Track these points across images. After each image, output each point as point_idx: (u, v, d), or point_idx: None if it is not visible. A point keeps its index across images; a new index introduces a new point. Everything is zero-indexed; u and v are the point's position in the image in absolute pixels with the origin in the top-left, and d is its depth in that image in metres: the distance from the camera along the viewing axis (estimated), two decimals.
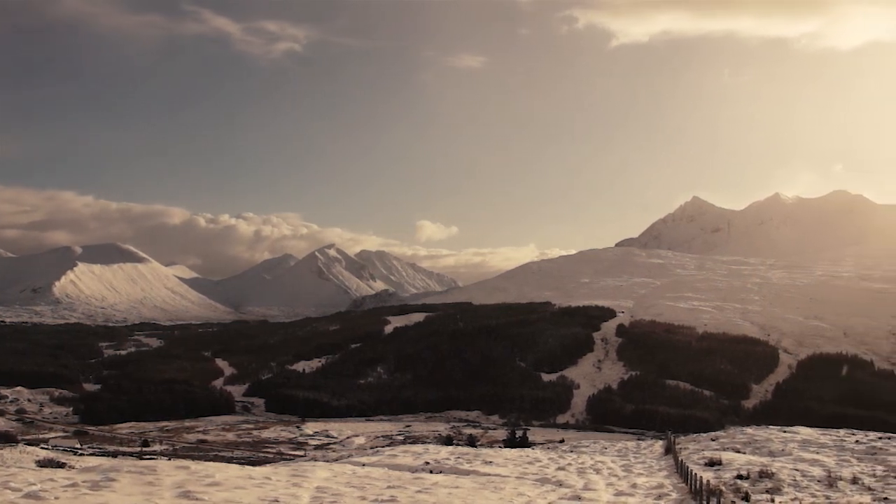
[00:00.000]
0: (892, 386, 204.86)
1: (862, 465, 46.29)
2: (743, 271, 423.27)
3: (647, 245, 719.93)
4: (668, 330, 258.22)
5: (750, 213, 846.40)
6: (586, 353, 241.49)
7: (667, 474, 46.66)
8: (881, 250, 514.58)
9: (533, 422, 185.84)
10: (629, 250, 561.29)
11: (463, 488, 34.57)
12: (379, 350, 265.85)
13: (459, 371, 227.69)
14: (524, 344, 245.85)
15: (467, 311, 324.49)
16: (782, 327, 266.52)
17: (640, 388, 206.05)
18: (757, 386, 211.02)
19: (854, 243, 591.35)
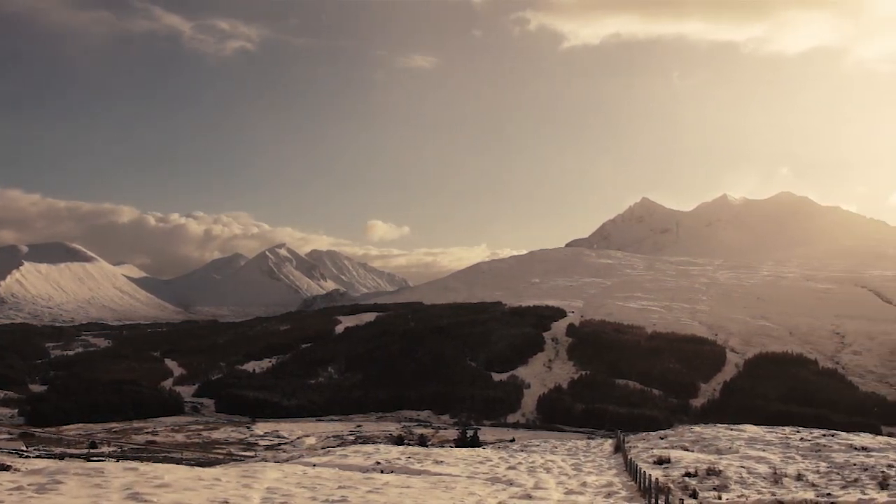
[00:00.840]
0: (835, 384, 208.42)
1: (806, 462, 47.04)
2: (691, 272, 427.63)
3: (596, 245, 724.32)
4: (618, 330, 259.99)
5: (698, 214, 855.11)
6: (537, 353, 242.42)
7: (616, 473, 47.05)
8: (825, 251, 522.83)
9: (484, 421, 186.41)
10: (579, 251, 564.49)
11: (414, 488, 34.59)
12: (330, 350, 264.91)
13: (410, 371, 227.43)
14: (475, 344, 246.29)
15: (418, 311, 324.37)
16: (730, 327, 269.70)
17: (590, 388, 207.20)
18: (705, 385, 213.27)
19: (799, 244, 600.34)
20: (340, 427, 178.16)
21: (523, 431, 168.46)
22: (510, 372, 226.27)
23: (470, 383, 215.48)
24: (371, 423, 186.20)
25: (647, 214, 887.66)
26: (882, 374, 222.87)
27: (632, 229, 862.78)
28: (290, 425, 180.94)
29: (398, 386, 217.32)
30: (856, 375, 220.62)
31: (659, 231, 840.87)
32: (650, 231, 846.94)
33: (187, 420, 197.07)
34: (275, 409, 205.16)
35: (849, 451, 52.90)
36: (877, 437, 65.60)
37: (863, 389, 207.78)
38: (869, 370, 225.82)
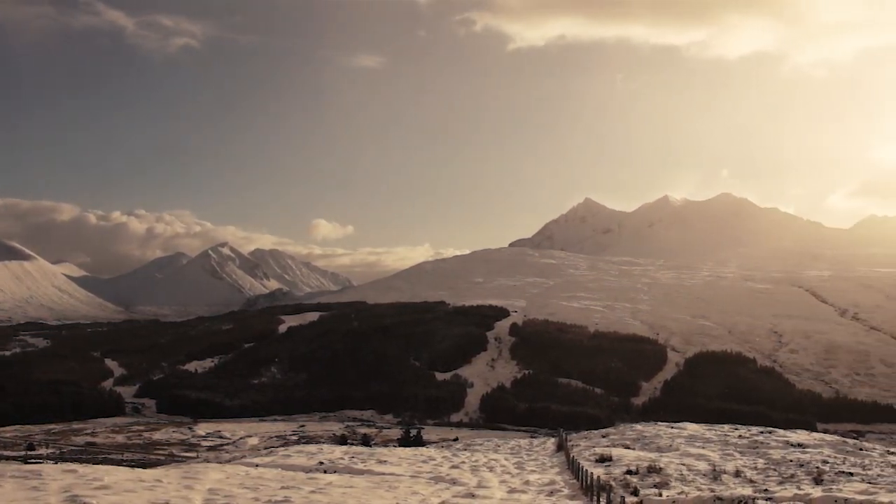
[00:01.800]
0: (772, 382, 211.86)
1: (744, 459, 47.81)
2: (633, 271, 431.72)
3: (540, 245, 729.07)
4: (561, 329, 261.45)
5: (640, 214, 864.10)
6: (480, 353, 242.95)
7: (559, 471, 47.42)
8: (764, 252, 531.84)
9: (427, 420, 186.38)
10: (522, 250, 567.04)
11: (357, 488, 34.59)
12: (273, 349, 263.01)
13: (354, 370, 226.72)
14: (418, 343, 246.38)
15: (362, 311, 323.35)
16: (670, 326, 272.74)
17: (533, 387, 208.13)
18: (646, 383, 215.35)
19: (739, 245, 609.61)
20: (283, 427, 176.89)
21: (467, 430, 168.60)
22: (453, 371, 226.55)
23: (413, 383, 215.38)
24: (314, 423, 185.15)
25: (589, 215, 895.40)
26: (817, 372, 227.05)
27: (575, 229, 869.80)
28: (233, 426, 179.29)
29: (341, 385, 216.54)
30: (792, 373, 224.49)
31: (601, 231, 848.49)
32: (593, 231, 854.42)
33: (128, 421, 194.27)
34: (217, 410, 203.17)
35: (785, 447, 53.85)
36: (812, 433, 66.83)
37: (799, 387, 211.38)
38: (805, 368, 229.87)
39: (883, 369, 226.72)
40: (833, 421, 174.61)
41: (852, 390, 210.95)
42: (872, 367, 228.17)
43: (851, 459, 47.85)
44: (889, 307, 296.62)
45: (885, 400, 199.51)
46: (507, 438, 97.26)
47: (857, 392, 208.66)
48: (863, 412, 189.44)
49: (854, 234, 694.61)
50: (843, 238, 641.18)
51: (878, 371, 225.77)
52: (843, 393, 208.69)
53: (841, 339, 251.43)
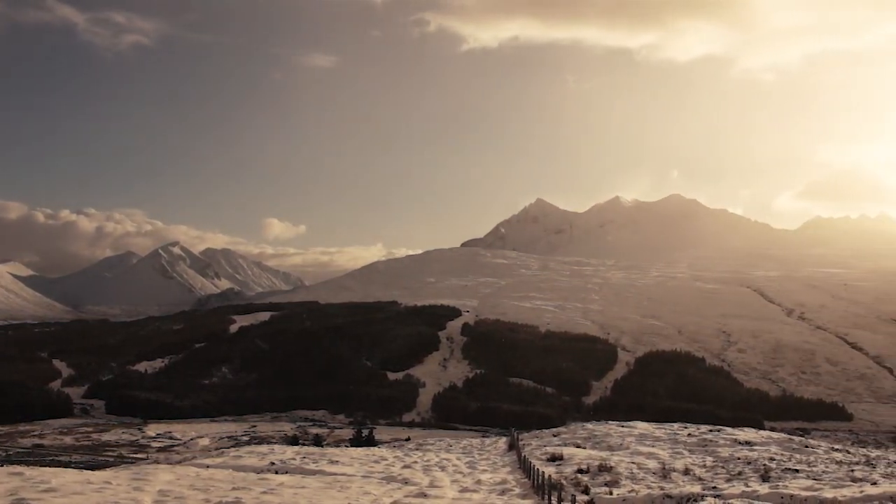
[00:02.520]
0: (721, 381, 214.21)
1: (694, 457, 48.39)
2: (584, 272, 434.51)
3: (492, 245, 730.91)
4: (512, 329, 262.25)
5: (591, 215, 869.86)
6: (432, 352, 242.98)
7: (510, 470, 47.63)
8: (713, 252, 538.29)
9: (379, 420, 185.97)
10: (475, 250, 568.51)
11: (309, 488, 34.48)
12: (224, 349, 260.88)
13: (306, 370, 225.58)
14: (370, 343, 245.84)
15: (314, 310, 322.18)
16: (621, 326, 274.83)
17: (485, 386, 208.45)
18: (597, 382, 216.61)
19: (688, 246, 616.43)
20: (234, 427, 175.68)
21: (419, 430, 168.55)
22: (405, 371, 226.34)
23: (365, 383, 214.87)
24: (266, 424, 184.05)
25: (541, 215, 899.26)
26: (765, 370, 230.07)
27: (526, 230, 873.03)
28: (183, 426, 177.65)
29: (293, 385, 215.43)
30: (740, 372, 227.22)
31: (553, 231, 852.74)
32: (544, 231, 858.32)
33: (76, 422, 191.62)
34: (167, 410, 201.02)
35: (733, 445, 54.58)
36: (760, 431, 67.80)
37: (747, 386, 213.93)
38: (753, 367, 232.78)
39: (828, 368, 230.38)
40: (780, 419, 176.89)
41: (798, 389, 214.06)
42: (818, 366, 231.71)
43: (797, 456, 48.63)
44: (834, 307, 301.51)
45: (830, 398, 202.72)
46: (459, 438, 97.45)
47: (803, 390, 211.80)
48: (808, 410, 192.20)
49: (801, 235, 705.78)
50: (790, 239, 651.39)
51: (823, 370, 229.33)
52: (789, 391, 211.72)
53: (787, 339, 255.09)
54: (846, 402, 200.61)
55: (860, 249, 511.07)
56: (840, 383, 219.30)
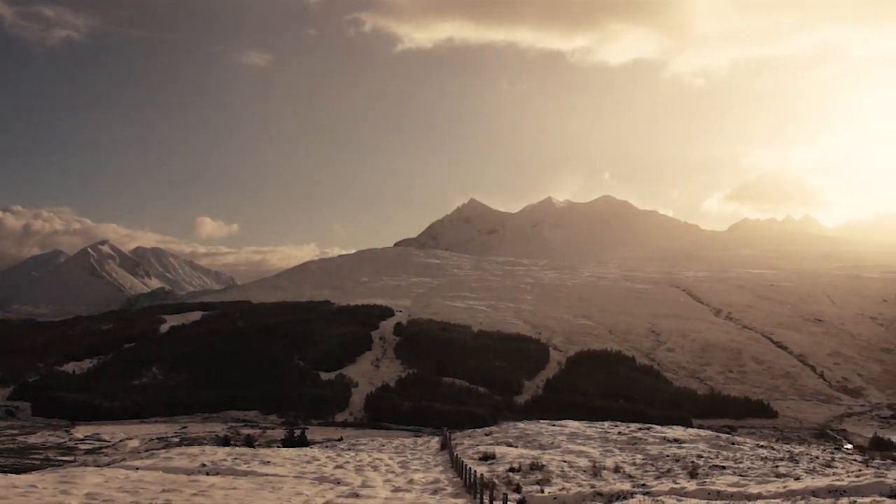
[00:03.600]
0: (651, 380, 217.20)
1: (624, 455, 48.99)
2: (517, 272, 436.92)
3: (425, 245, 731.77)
4: (445, 328, 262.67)
5: (524, 215, 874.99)
6: (365, 352, 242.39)
7: (443, 469, 47.78)
8: (643, 253, 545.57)
9: (312, 421, 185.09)
10: (407, 250, 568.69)
11: (240, 489, 34.29)
12: (154, 349, 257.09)
13: (237, 370, 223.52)
14: (303, 343, 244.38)
15: (246, 310, 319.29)
16: (553, 325, 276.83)
17: (418, 386, 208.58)
18: (529, 382, 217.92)
19: (619, 246, 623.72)
20: (165, 429, 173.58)
21: (351, 430, 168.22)
22: (338, 371, 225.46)
23: (298, 383, 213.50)
24: (197, 425, 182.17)
25: (474, 215, 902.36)
26: (693, 369, 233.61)
27: (459, 229, 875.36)
28: (112, 428, 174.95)
29: (225, 386, 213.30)
30: (670, 371, 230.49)
31: (486, 231, 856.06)
32: (477, 231, 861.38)
33: (1, 425, 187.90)
34: (96, 412, 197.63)
35: (663, 443, 55.34)
36: (688, 429, 68.81)
37: (676, 384, 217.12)
38: (682, 366, 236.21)
39: (754, 367, 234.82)
40: (708, 417, 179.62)
41: (726, 387, 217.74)
42: (744, 365, 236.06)
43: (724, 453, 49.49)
44: (760, 307, 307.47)
45: (756, 396, 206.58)
46: (391, 438, 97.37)
47: (730, 389, 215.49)
48: (735, 408, 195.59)
49: (729, 236, 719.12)
50: (718, 240, 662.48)
51: (749, 368, 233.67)
52: (717, 390, 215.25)
53: (715, 338, 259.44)
54: (771, 399, 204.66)
55: (785, 251, 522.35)
56: (765, 381, 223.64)
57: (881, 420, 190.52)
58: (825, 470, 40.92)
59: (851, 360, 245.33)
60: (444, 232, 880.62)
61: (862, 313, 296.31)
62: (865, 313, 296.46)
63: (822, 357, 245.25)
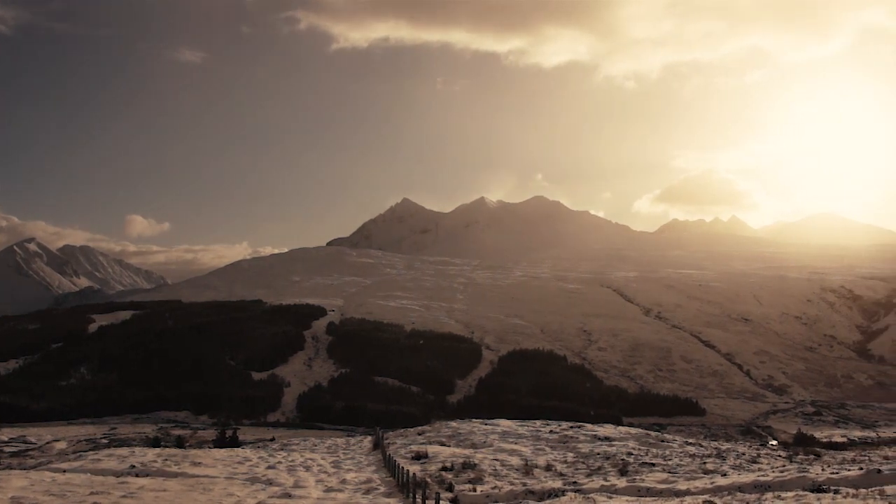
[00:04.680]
0: (582, 379, 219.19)
1: (555, 453, 49.48)
2: (449, 271, 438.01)
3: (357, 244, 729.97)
4: (378, 328, 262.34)
5: (457, 215, 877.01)
6: (297, 352, 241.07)
7: (375, 469, 47.81)
8: (575, 253, 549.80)
9: (243, 421, 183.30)
10: (340, 249, 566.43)
11: (170, 491, 33.96)
12: (82, 349, 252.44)
13: (168, 370, 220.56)
14: (234, 342, 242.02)
15: (177, 309, 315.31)
16: (485, 325, 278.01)
17: (350, 385, 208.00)
18: (462, 381, 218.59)
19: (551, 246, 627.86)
20: (93, 430, 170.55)
21: (284, 430, 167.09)
22: (270, 371, 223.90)
23: (229, 383, 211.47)
24: (126, 426, 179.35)
25: (407, 215, 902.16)
26: (624, 368, 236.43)
27: (392, 229, 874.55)
28: (39, 429, 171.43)
29: (155, 386, 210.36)
30: (601, 370, 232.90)
31: (419, 231, 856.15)
32: (410, 231, 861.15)
33: None
34: (22, 413, 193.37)
35: (593, 441, 56.01)
36: (618, 427, 69.75)
37: (607, 383, 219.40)
38: (612, 365, 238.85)
39: (683, 365, 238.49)
40: (638, 415, 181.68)
41: (655, 385, 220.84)
42: (673, 364, 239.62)
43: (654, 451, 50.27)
44: (689, 306, 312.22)
45: (685, 394, 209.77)
46: (324, 438, 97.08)
47: (659, 387, 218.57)
48: (665, 406, 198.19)
49: (658, 237, 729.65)
50: (648, 241, 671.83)
51: (678, 367, 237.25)
52: (646, 388, 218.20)
53: (645, 337, 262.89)
54: (699, 397, 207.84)
55: (714, 251, 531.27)
56: (694, 380, 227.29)
57: (804, 416, 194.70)
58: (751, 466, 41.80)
59: (776, 358, 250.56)
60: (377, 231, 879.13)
61: (787, 313, 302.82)
62: (790, 313, 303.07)
63: (748, 356, 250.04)
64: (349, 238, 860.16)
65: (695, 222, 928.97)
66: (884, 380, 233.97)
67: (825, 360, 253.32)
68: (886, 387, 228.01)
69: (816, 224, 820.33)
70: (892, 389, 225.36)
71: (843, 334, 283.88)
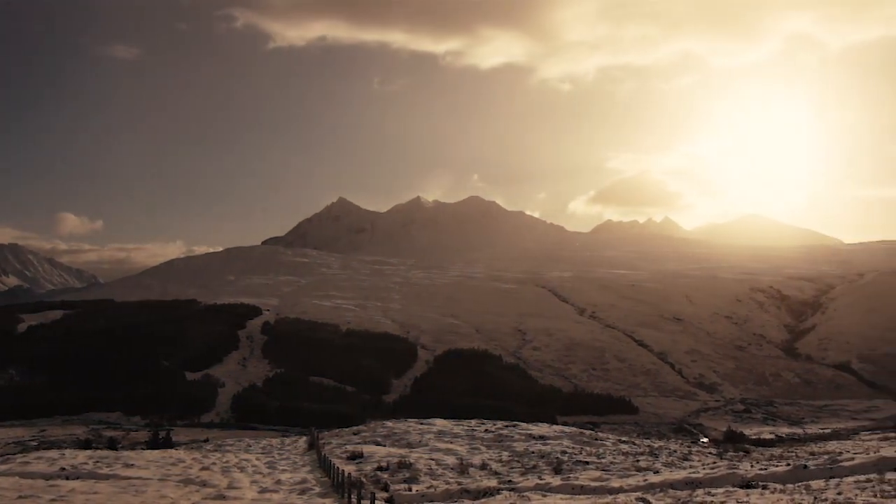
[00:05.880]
0: (517, 378, 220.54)
1: (490, 452, 49.82)
2: (385, 271, 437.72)
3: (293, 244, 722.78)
4: (313, 328, 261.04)
5: (393, 214, 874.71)
6: (232, 352, 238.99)
7: (311, 469, 47.68)
8: (510, 253, 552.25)
9: (177, 422, 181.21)
10: (275, 249, 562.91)
11: (102, 493, 33.56)
12: (11, 350, 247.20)
13: (100, 371, 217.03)
14: (168, 342, 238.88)
15: (109, 309, 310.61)
16: (421, 325, 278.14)
17: (286, 386, 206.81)
18: (397, 381, 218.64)
19: (487, 246, 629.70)
20: (22, 432, 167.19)
21: (218, 431, 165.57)
22: (204, 371, 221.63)
23: (163, 383, 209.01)
24: (57, 428, 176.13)
25: (343, 214, 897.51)
26: (558, 368, 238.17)
27: (328, 228, 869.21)
28: None
29: (86, 387, 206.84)
30: (535, 370, 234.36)
31: (355, 230, 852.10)
32: (346, 230, 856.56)
33: None
34: None
35: (528, 440, 56.46)
36: (553, 426, 70.36)
37: (542, 382, 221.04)
38: (547, 364, 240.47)
39: (616, 364, 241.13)
40: (572, 414, 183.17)
41: (589, 384, 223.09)
42: (607, 363, 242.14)
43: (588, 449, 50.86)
44: (622, 306, 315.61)
45: (618, 393, 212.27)
46: (259, 438, 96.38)
47: (593, 386, 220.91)
48: (599, 404, 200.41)
49: (592, 237, 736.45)
50: (582, 241, 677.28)
51: (612, 366, 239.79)
52: (581, 387, 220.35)
53: (580, 337, 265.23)
54: (633, 396, 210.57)
55: (646, 252, 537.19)
56: (627, 379, 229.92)
57: (734, 414, 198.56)
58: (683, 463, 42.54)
59: (707, 357, 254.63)
60: (313, 230, 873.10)
61: (718, 312, 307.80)
62: (721, 312, 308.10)
63: (680, 355, 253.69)
64: (285, 237, 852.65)
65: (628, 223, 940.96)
66: (810, 378, 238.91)
67: (754, 358, 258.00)
68: (813, 385, 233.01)
69: (746, 225, 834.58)
70: (818, 387, 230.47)
71: (771, 333, 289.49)
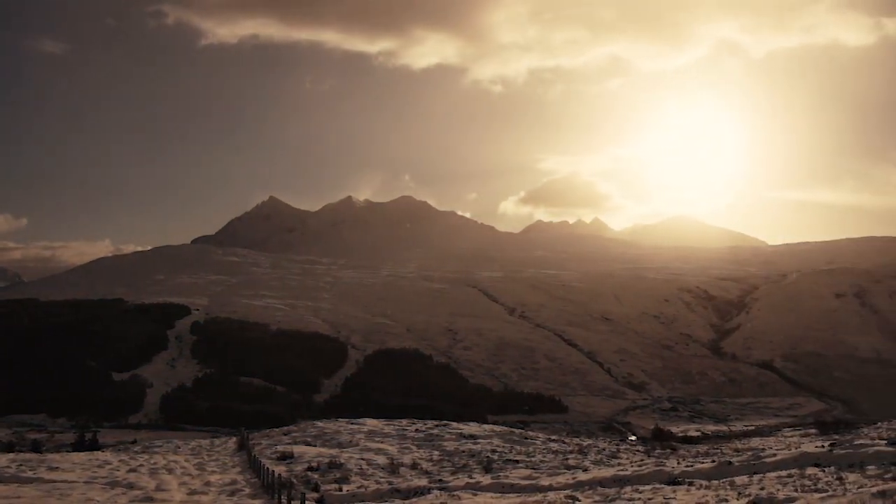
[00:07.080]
0: (448, 378, 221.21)
1: (421, 452, 50.09)
2: (316, 270, 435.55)
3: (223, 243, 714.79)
4: (243, 327, 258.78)
5: (324, 214, 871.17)
6: (160, 352, 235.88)
7: (240, 470, 47.47)
8: (441, 253, 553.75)
9: (104, 423, 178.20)
10: (205, 248, 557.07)
11: (25, 497, 33.06)
12: None
13: (23, 372, 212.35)
14: (95, 342, 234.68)
15: (33, 308, 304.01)
16: (352, 324, 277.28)
17: (215, 386, 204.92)
18: (328, 381, 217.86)
19: (418, 246, 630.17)
20: None
21: (146, 432, 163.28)
22: (132, 371, 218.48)
23: (89, 384, 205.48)
24: None
25: (274, 213, 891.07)
26: (489, 367, 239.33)
27: (258, 227, 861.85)
28: None
29: (9, 389, 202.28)
30: (466, 369, 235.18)
31: (285, 230, 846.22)
32: (277, 229, 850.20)
33: None
34: None
35: (459, 439, 56.85)
36: (483, 425, 70.88)
37: (472, 382, 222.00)
38: (478, 364, 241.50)
39: (546, 364, 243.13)
40: (502, 413, 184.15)
41: (520, 384, 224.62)
42: (537, 362, 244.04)
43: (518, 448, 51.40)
44: (552, 306, 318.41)
45: (549, 392, 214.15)
46: (188, 439, 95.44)
47: (523, 385, 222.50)
48: (529, 404, 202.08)
49: (523, 238, 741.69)
50: (513, 241, 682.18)
51: (542, 365, 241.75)
52: (511, 386, 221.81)
53: (510, 336, 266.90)
54: (562, 395, 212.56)
55: (576, 252, 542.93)
56: (557, 378, 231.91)
57: (661, 412, 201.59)
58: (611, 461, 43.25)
59: (636, 356, 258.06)
60: (243, 229, 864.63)
61: (646, 312, 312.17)
62: (649, 312, 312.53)
63: (609, 354, 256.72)
64: (215, 236, 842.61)
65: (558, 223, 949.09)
66: (735, 376, 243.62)
67: (681, 357, 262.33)
68: (738, 383, 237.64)
69: (673, 226, 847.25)
70: (742, 385, 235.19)
71: (698, 333, 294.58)
